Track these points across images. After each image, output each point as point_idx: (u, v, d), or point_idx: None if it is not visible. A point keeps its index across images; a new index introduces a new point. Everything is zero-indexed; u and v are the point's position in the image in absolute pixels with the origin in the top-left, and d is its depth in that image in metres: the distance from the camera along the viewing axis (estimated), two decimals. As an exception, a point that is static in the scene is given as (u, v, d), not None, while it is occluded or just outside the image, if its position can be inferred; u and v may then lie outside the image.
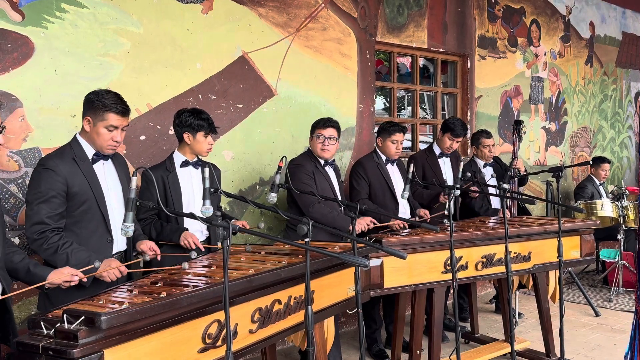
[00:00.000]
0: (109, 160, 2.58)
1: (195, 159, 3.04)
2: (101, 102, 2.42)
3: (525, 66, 6.34)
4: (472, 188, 4.27)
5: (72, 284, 2.16)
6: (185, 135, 2.97)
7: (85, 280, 2.19)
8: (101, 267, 2.29)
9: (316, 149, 3.51)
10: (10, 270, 2.18)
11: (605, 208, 5.54)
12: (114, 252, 2.55)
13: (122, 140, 2.53)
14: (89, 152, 2.51)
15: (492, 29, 5.93)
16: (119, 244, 2.59)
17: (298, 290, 2.42)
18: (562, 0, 6.83)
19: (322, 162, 3.55)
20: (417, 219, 3.90)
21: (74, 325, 1.66)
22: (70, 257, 2.30)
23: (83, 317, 1.67)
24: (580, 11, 7.12)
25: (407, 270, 3.21)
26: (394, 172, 3.98)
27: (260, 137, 4.08)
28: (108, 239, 2.52)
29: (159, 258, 2.54)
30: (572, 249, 3.88)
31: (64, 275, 2.13)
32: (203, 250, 2.86)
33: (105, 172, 2.56)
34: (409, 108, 7.30)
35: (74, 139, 2.54)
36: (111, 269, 2.31)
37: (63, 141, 3.12)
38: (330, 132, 3.49)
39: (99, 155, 2.52)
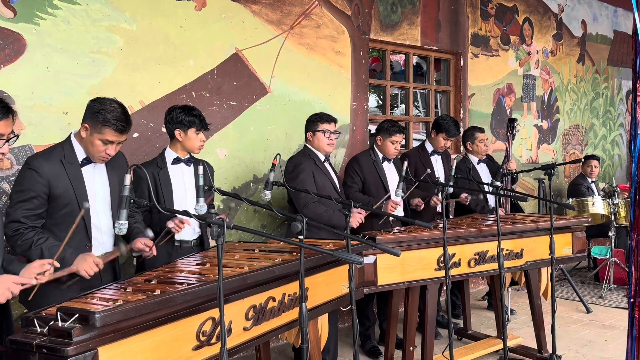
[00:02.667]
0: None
1: (187, 155, 3.02)
2: (102, 115, 2.36)
3: (517, 64, 6.37)
4: (463, 195, 4.29)
5: (47, 274, 2.04)
6: (177, 132, 2.94)
7: (58, 265, 2.09)
8: (75, 262, 2.22)
9: (322, 144, 3.51)
10: None
11: (597, 205, 5.58)
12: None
13: (115, 153, 2.47)
14: (80, 155, 2.46)
15: (485, 27, 5.95)
16: (102, 247, 2.52)
17: (292, 288, 2.42)
18: (555, -1, 6.87)
19: (322, 158, 3.55)
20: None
21: (68, 323, 1.66)
22: (45, 252, 2.26)
23: (77, 315, 1.66)
24: (573, 9, 7.16)
25: (401, 267, 3.23)
26: (389, 169, 3.99)
27: (253, 134, 4.08)
28: (87, 245, 2.45)
29: (154, 252, 2.50)
30: (564, 246, 3.91)
31: (34, 269, 2.03)
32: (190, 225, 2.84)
33: (95, 176, 2.50)
34: (402, 106, 7.31)
35: (68, 139, 2.49)
36: (86, 264, 2.22)
37: (55, 138, 3.11)
38: (334, 126, 3.56)
39: (88, 160, 2.47)
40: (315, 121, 3.52)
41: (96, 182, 2.51)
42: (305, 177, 3.39)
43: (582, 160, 6.17)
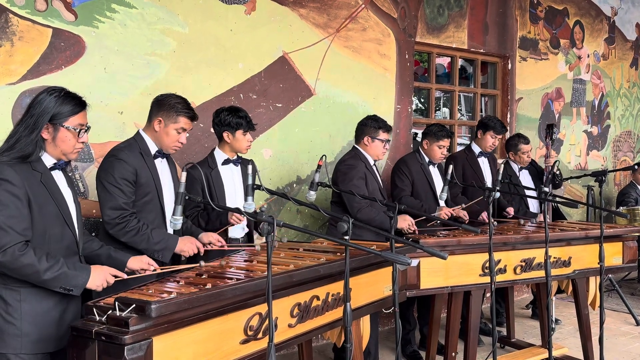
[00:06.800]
0: (165, 158, 2.73)
1: (236, 156, 3.12)
2: (174, 107, 2.61)
3: (567, 68, 6.21)
4: (509, 209, 4.22)
5: (147, 273, 2.29)
6: (225, 134, 3.04)
7: (160, 270, 2.32)
8: (179, 244, 2.54)
9: (377, 152, 3.56)
10: (92, 257, 2.29)
11: (649, 215, 5.37)
12: None
13: (185, 142, 2.69)
14: (152, 148, 2.66)
15: (533, 30, 5.83)
16: None
17: (336, 288, 2.44)
18: (607, 2, 6.65)
19: (372, 162, 3.58)
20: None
21: (125, 312, 1.73)
22: (151, 237, 2.50)
23: (134, 305, 1.73)
24: (626, 12, 6.92)
25: (444, 271, 3.20)
26: (434, 173, 3.97)
27: (298, 136, 4.13)
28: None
29: (226, 247, 2.67)
30: (614, 255, 3.79)
31: (142, 263, 2.30)
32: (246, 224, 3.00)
33: (162, 169, 2.71)
34: (445, 109, 7.25)
35: (138, 134, 2.68)
36: (190, 245, 2.54)
37: (110, 136, 3.24)
38: (390, 135, 3.62)
39: (159, 153, 2.68)
40: (377, 128, 3.53)
41: (163, 175, 2.70)
42: (358, 181, 3.42)
43: (635, 167, 5.95)
